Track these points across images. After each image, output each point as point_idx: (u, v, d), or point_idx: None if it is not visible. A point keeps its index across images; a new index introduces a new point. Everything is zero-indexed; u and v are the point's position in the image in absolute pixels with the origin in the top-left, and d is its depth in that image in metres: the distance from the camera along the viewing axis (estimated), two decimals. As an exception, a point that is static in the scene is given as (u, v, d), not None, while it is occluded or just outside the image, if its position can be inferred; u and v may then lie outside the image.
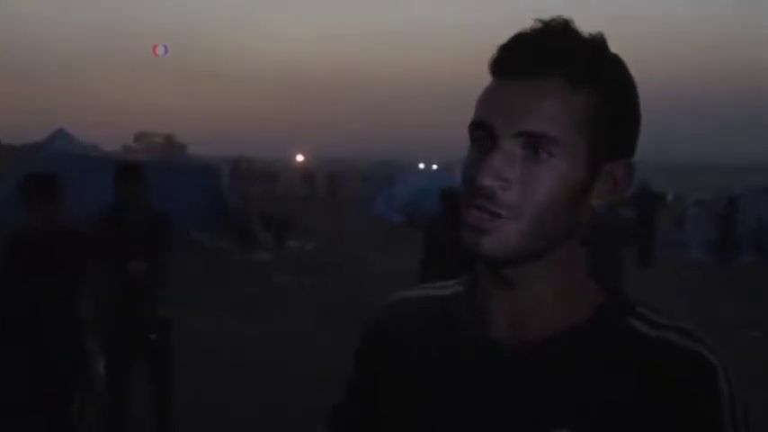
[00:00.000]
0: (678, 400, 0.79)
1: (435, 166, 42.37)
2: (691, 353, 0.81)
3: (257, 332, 7.43)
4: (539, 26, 0.82)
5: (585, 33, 0.83)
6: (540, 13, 0.83)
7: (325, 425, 1.03)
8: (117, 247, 4.03)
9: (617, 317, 0.85)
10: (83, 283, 3.68)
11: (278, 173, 44.82)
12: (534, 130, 0.80)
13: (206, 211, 14.22)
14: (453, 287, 0.97)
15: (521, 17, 0.85)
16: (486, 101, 0.84)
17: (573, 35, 0.82)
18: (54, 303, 3.56)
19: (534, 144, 0.80)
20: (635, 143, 0.87)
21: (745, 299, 10.35)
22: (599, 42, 0.83)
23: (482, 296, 0.90)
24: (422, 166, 44.99)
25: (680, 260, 14.61)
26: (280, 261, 13.11)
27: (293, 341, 7.14)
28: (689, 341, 0.82)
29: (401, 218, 20.12)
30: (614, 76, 0.84)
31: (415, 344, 0.94)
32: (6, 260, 3.61)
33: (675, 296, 9.04)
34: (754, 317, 8.89)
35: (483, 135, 0.83)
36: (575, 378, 0.82)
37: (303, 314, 8.42)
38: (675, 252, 15.52)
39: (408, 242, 11.48)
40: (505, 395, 0.85)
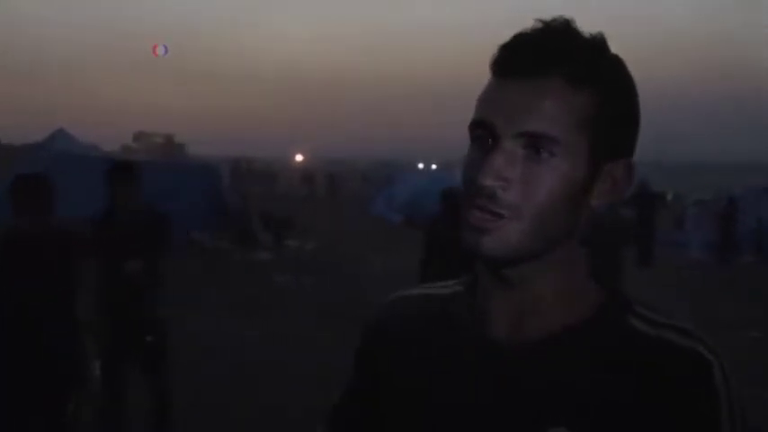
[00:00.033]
0: (676, 399, 0.79)
1: (435, 166, 42.37)
2: (689, 352, 0.81)
3: (257, 332, 7.43)
4: (539, 26, 0.82)
5: (586, 33, 0.83)
6: (541, 13, 0.84)
7: (324, 425, 1.03)
8: (112, 247, 3.99)
9: (616, 316, 0.85)
10: (76, 284, 3.66)
11: (277, 173, 44.83)
12: (535, 130, 0.80)
13: (206, 212, 14.23)
14: (453, 287, 0.97)
15: (521, 17, 0.85)
16: (487, 100, 0.84)
17: (574, 35, 0.82)
18: (45, 304, 3.54)
19: (535, 144, 0.80)
20: (634, 143, 0.87)
21: (744, 299, 10.35)
22: (599, 42, 0.83)
23: (482, 296, 0.90)
24: (421, 166, 44.98)
25: (680, 260, 14.61)
26: (279, 261, 13.11)
27: (293, 341, 7.14)
28: (688, 340, 0.82)
29: (401, 218, 20.12)
30: (615, 76, 0.84)
31: (414, 344, 0.94)
32: None
33: (675, 296, 9.05)
34: (754, 317, 8.89)
35: (483, 135, 0.83)
36: (574, 377, 0.82)
37: (303, 314, 8.42)
38: (675, 252, 15.52)
39: (408, 242, 11.48)
40: (505, 395, 0.85)
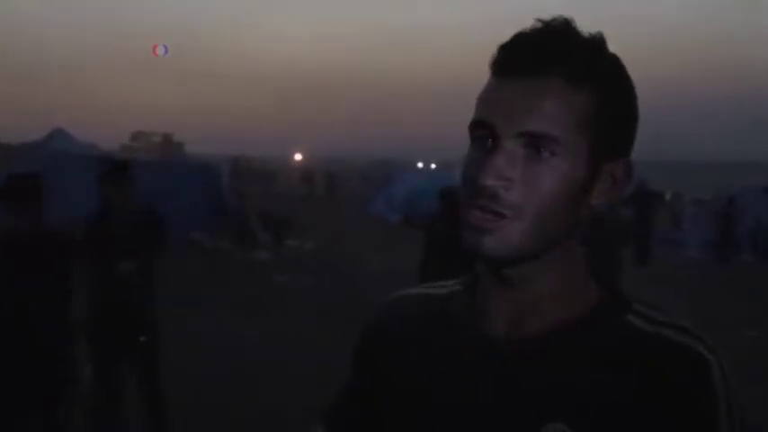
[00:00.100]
0: (675, 397, 0.79)
1: (434, 166, 42.33)
2: (688, 350, 0.81)
3: (257, 332, 7.42)
4: (539, 26, 0.83)
5: (585, 33, 0.83)
6: (541, 13, 0.84)
7: (322, 425, 1.03)
8: (106, 248, 3.96)
9: (615, 314, 0.86)
10: (69, 285, 3.64)
11: (276, 172, 44.81)
12: (536, 130, 0.80)
13: (206, 211, 14.22)
14: (453, 287, 0.97)
15: (521, 17, 0.86)
16: (487, 100, 0.84)
17: (573, 35, 0.82)
18: (40, 305, 3.53)
19: (536, 144, 0.81)
20: (633, 142, 0.87)
21: (742, 298, 10.35)
22: (599, 42, 0.84)
23: (482, 295, 0.90)
24: (420, 166, 44.96)
25: (678, 259, 14.62)
26: (279, 261, 13.11)
27: (293, 341, 7.13)
28: (686, 338, 0.82)
29: (399, 217, 20.12)
30: (614, 76, 0.85)
31: (414, 343, 0.94)
32: None
33: (673, 295, 9.05)
34: (752, 316, 8.89)
35: (484, 134, 0.83)
36: (573, 376, 0.83)
37: (303, 314, 8.42)
38: (673, 251, 15.54)
39: (407, 241, 11.48)
40: (505, 394, 0.85)
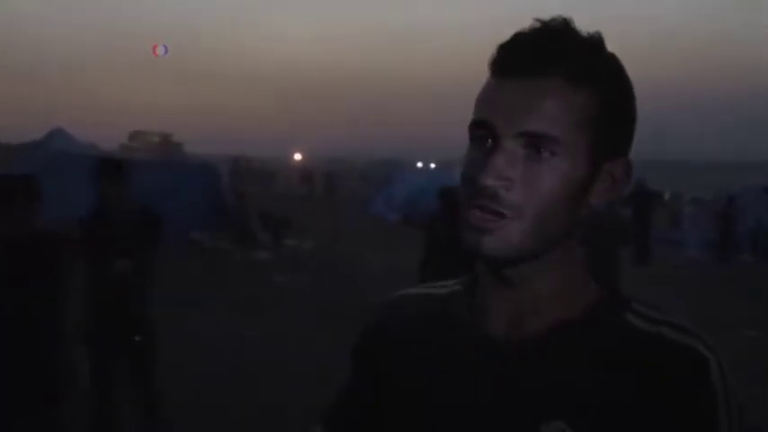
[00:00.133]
0: (674, 396, 0.79)
1: (433, 165, 42.30)
2: (687, 348, 0.81)
3: (257, 332, 7.42)
4: (538, 26, 0.83)
5: (584, 33, 0.83)
6: (541, 13, 0.84)
7: (321, 424, 1.02)
8: (101, 247, 3.93)
9: (614, 313, 0.86)
10: (65, 286, 3.63)
11: (276, 172, 44.78)
12: (536, 130, 0.80)
13: (206, 211, 14.23)
14: (452, 286, 0.97)
15: (521, 17, 0.86)
16: (486, 100, 0.84)
17: (573, 35, 0.82)
18: (34, 307, 3.53)
19: (536, 144, 0.81)
20: (631, 142, 0.87)
21: (742, 298, 10.35)
22: (597, 42, 0.84)
23: (482, 295, 0.90)
24: (420, 165, 44.93)
25: (676, 259, 14.62)
26: (279, 260, 13.10)
27: (293, 341, 7.13)
28: (685, 337, 0.82)
29: (398, 216, 20.12)
30: (613, 76, 0.85)
31: (414, 343, 0.94)
32: None
33: (672, 294, 9.04)
34: (752, 316, 8.89)
35: (483, 134, 0.83)
36: (573, 375, 0.83)
37: (303, 314, 8.42)
38: (672, 250, 15.53)
39: (407, 241, 11.48)
40: (504, 393, 0.85)
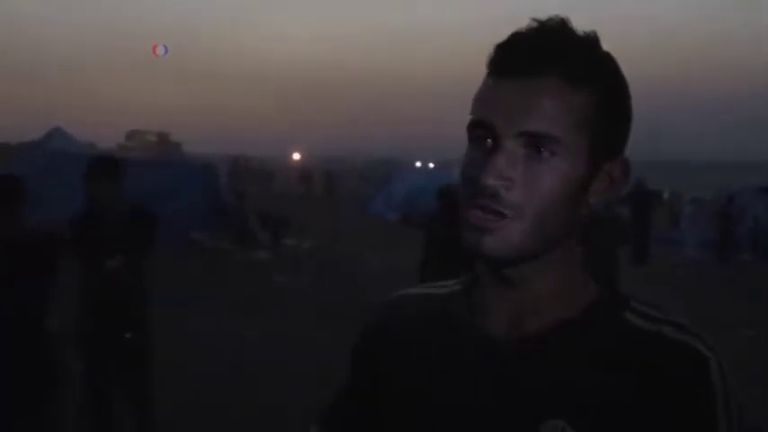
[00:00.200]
0: (673, 395, 0.79)
1: (432, 165, 42.25)
2: (686, 347, 0.81)
3: (257, 332, 7.42)
4: (535, 25, 0.83)
5: (580, 32, 0.83)
6: (541, 13, 0.83)
7: (318, 425, 1.02)
8: (92, 247, 3.90)
9: (613, 312, 0.86)
10: (52, 287, 3.62)
11: (275, 171, 44.71)
12: (537, 129, 0.81)
13: (205, 211, 14.22)
14: (452, 286, 0.98)
15: (520, 17, 0.86)
16: (485, 100, 0.84)
17: (570, 34, 0.83)
18: (23, 306, 3.52)
19: (536, 143, 0.81)
20: (628, 141, 0.88)
21: (740, 297, 10.34)
22: (593, 41, 0.84)
23: (481, 295, 0.91)
24: (419, 165, 44.87)
25: (675, 258, 14.61)
26: (278, 260, 13.10)
27: (293, 341, 7.12)
28: (684, 335, 0.82)
29: (397, 216, 20.12)
30: (611, 76, 0.85)
31: (414, 343, 0.94)
32: None
33: (671, 294, 9.04)
34: (750, 315, 8.88)
35: (483, 134, 0.83)
36: (573, 374, 0.83)
37: (303, 314, 8.41)
38: (671, 250, 15.53)
39: (406, 240, 11.48)
40: (504, 393, 0.85)
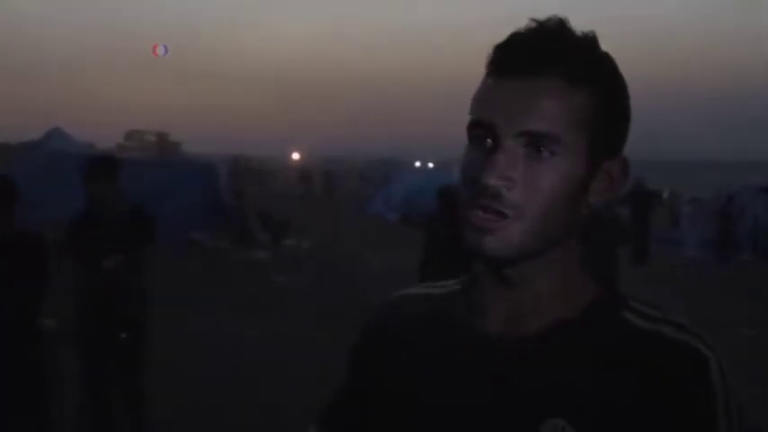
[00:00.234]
0: (673, 394, 0.79)
1: (431, 165, 42.19)
2: (685, 346, 0.81)
3: (257, 332, 7.42)
4: (534, 26, 0.83)
5: (579, 32, 0.84)
6: (541, 13, 0.83)
7: (318, 425, 1.02)
8: (90, 247, 3.91)
9: (612, 312, 0.86)
10: (43, 286, 3.62)
11: (274, 171, 44.68)
12: (538, 129, 0.81)
13: (205, 211, 14.22)
14: (451, 286, 0.98)
15: (520, 17, 0.86)
16: (484, 100, 0.84)
17: (569, 34, 0.83)
18: (17, 306, 3.52)
19: (537, 143, 0.81)
20: (626, 140, 0.88)
21: (740, 297, 10.34)
22: (592, 41, 0.84)
23: (481, 295, 0.91)
24: (418, 164, 44.80)
25: (675, 258, 14.61)
26: (278, 260, 13.10)
27: (293, 341, 7.12)
28: (684, 335, 0.82)
29: (397, 216, 20.12)
30: (609, 76, 0.85)
31: (413, 343, 0.94)
32: None
33: (671, 294, 9.04)
34: (750, 315, 8.88)
35: (483, 134, 0.83)
36: (572, 373, 0.83)
37: (303, 314, 8.41)
38: (671, 250, 15.52)
39: (406, 240, 11.48)
40: (504, 393, 0.85)
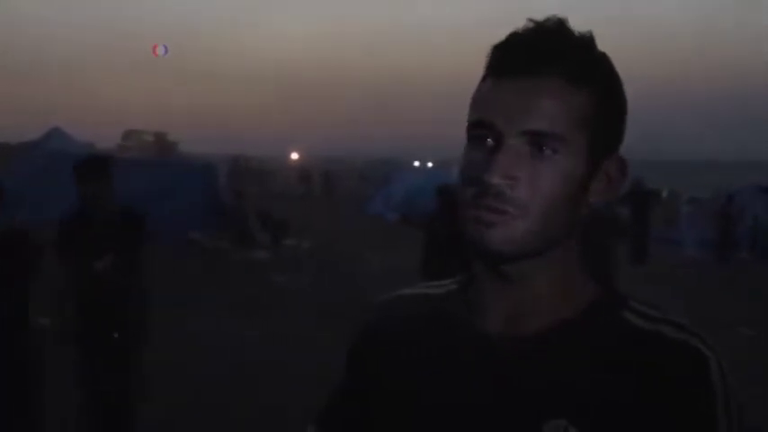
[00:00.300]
0: (673, 393, 0.79)
1: (430, 164, 42.17)
2: (685, 346, 0.81)
3: (257, 332, 7.42)
4: (532, 26, 0.83)
5: (576, 32, 0.84)
6: (541, 13, 0.84)
7: (317, 425, 1.02)
8: (81, 247, 3.89)
9: (612, 311, 0.87)
10: (28, 286, 3.62)
11: (274, 171, 44.66)
12: (540, 128, 0.81)
13: (204, 211, 14.23)
14: (449, 286, 0.98)
15: (520, 17, 0.87)
16: (484, 100, 0.85)
17: (567, 34, 0.83)
18: (8, 306, 3.53)
19: (539, 142, 0.82)
20: (623, 139, 0.89)
21: (740, 297, 10.33)
22: (589, 41, 0.85)
23: (479, 293, 0.91)
24: (417, 164, 44.76)
25: (674, 258, 14.60)
26: (278, 260, 13.10)
27: (293, 341, 7.12)
28: (683, 334, 0.82)
29: (396, 215, 20.12)
30: (607, 75, 0.86)
31: (411, 343, 0.94)
32: None
33: (669, 293, 9.04)
34: (750, 315, 8.88)
35: (483, 134, 0.83)
36: (572, 373, 0.83)
37: (303, 314, 8.41)
38: (670, 249, 15.51)
39: (406, 240, 11.48)
40: (504, 392, 0.85)
